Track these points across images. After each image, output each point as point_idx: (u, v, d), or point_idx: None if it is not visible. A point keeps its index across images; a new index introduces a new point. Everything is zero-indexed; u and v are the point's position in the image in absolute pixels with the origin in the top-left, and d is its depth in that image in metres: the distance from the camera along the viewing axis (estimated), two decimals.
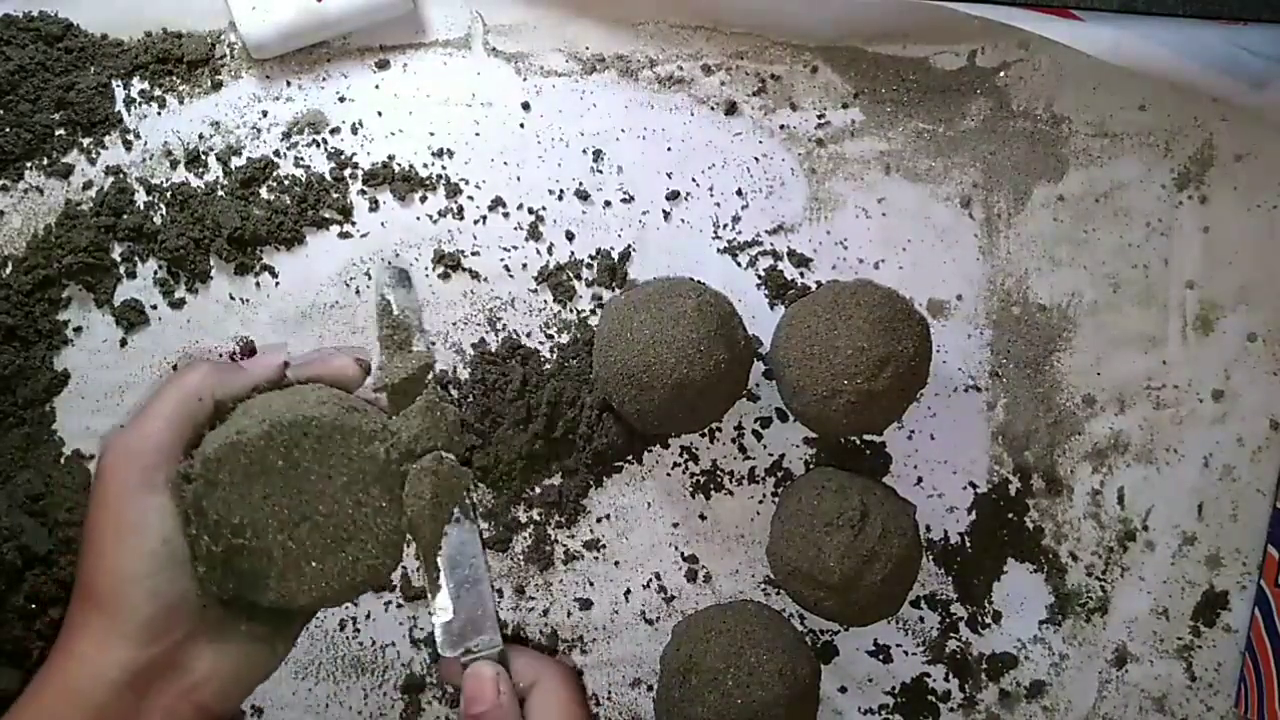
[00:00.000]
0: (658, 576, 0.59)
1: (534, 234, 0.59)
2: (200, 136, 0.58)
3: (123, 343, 0.57)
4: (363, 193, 0.59)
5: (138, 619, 0.41)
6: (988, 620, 0.60)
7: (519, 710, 0.50)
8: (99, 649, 0.41)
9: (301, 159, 0.58)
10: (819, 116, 0.60)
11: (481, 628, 0.53)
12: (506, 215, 0.59)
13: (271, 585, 0.46)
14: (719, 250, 0.60)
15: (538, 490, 0.58)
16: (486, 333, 0.58)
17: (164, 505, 0.43)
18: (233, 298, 0.58)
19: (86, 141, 0.58)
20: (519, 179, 0.59)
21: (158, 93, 0.58)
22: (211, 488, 0.44)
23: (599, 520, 0.59)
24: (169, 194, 0.58)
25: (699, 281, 0.55)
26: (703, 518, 0.59)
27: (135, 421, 0.45)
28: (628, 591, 0.59)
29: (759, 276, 0.60)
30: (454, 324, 0.58)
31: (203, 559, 0.44)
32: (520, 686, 0.52)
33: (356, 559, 0.48)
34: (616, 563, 0.59)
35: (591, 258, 0.59)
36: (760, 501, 0.59)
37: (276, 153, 0.58)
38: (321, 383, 0.51)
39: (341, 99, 0.59)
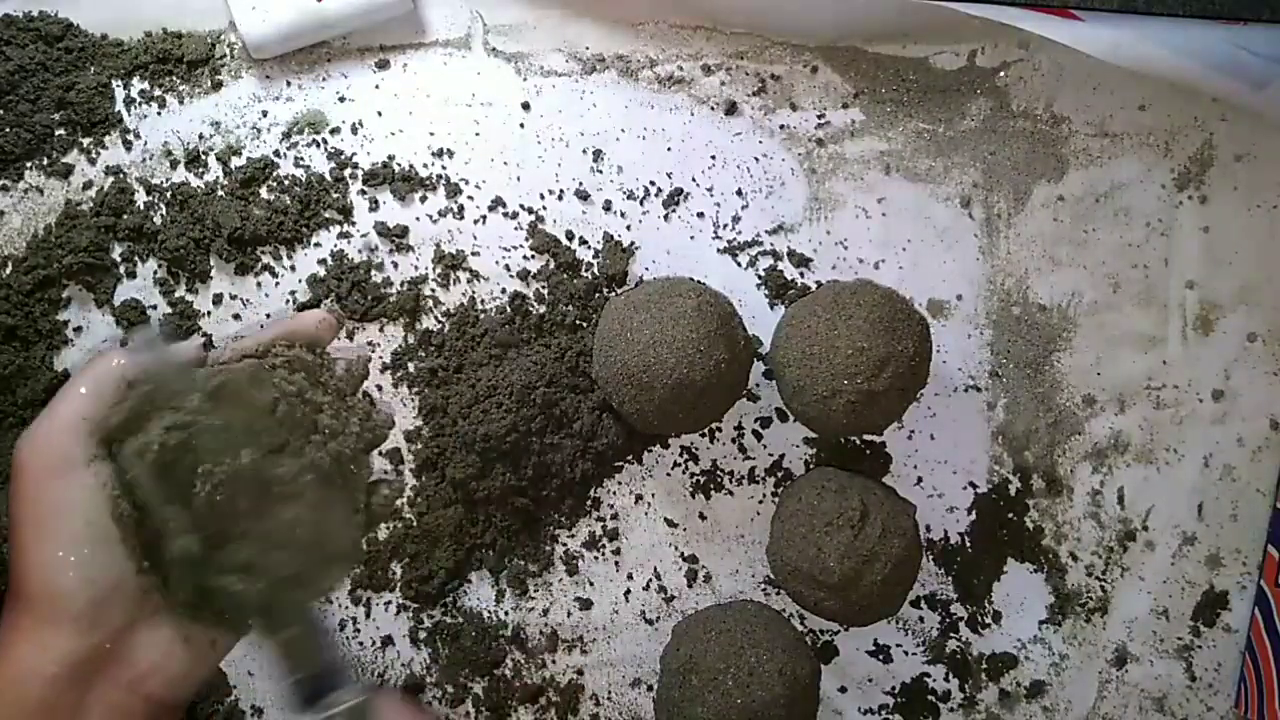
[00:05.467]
0: (658, 576, 0.59)
1: (534, 234, 0.59)
2: (200, 136, 0.58)
3: (123, 343, 0.57)
4: (363, 193, 0.59)
5: (70, 607, 0.39)
6: (988, 620, 0.60)
7: None
8: (34, 646, 0.39)
9: (301, 159, 0.58)
10: (819, 116, 0.60)
11: (335, 681, 0.45)
12: (506, 215, 0.59)
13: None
14: (719, 250, 0.60)
15: (536, 491, 0.58)
16: (485, 331, 0.58)
17: (84, 484, 0.40)
18: (233, 298, 0.58)
19: (86, 141, 0.58)
20: (519, 179, 0.59)
21: (158, 93, 0.58)
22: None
23: (599, 520, 0.59)
24: (169, 194, 0.58)
25: (699, 281, 0.55)
26: (703, 518, 0.59)
27: (45, 411, 0.42)
28: (628, 591, 0.59)
29: (759, 276, 0.60)
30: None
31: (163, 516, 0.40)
32: None
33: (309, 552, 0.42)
34: (616, 563, 0.59)
35: (592, 258, 0.59)
36: (760, 501, 0.59)
37: (276, 153, 0.58)
38: (291, 342, 0.45)
39: (341, 99, 0.59)
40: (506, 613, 0.58)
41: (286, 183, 0.58)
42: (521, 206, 0.59)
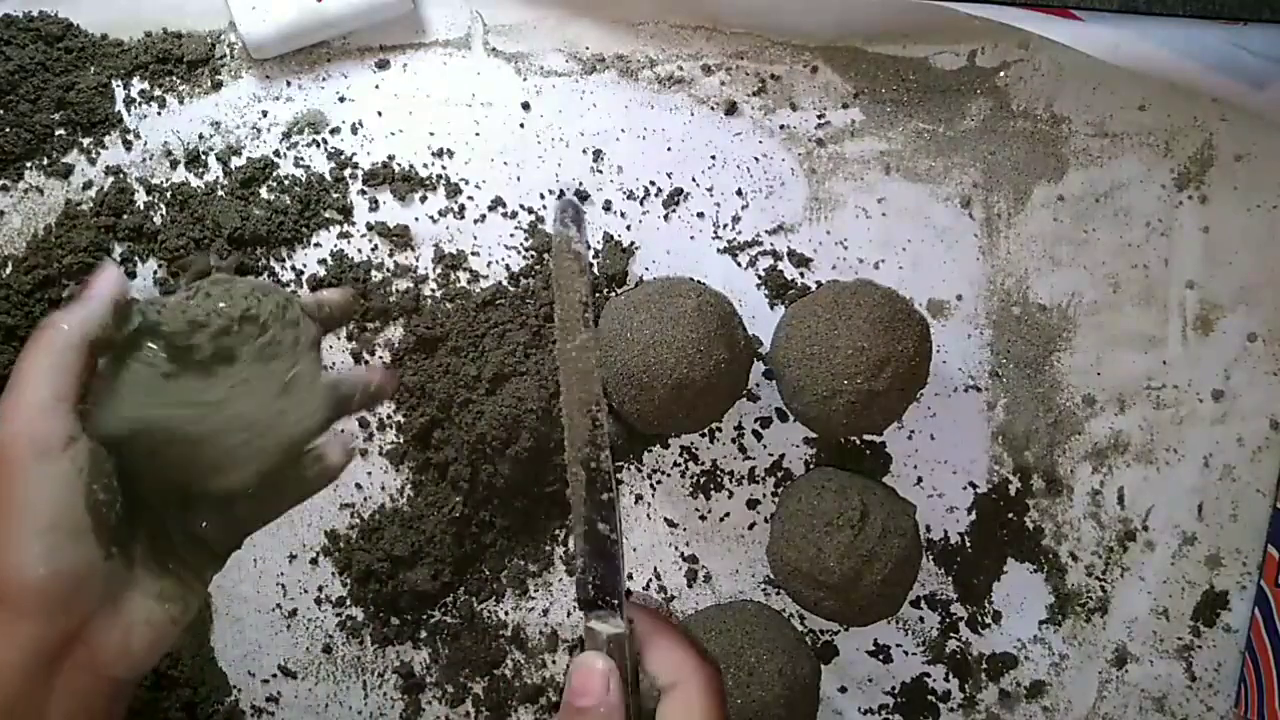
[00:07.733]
0: (658, 576, 0.59)
1: (534, 234, 0.59)
2: (200, 136, 0.58)
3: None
4: (363, 193, 0.59)
5: (41, 598, 0.39)
6: (988, 620, 0.60)
7: (626, 714, 0.42)
8: (3, 637, 0.38)
9: (301, 159, 0.58)
10: (819, 116, 0.60)
11: (605, 601, 0.46)
12: (506, 215, 0.59)
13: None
14: (719, 250, 0.60)
15: (537, 491, 0.58)
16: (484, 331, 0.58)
17: (58, 472, 0.39)
18: None
19: (86, 141, 0.58)
20: (519, 179, 0.59)
21: (158, 93, 0.58)
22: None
23: None
24: (169, 194, 0.58)
25: (699, 281, 0.55)
26: (703, 518, 0.59)
27: (9, 395, 0.41)
28: (628, 591, 0.59)
29: (759, 276, 0.60)
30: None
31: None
32: (656, 682, 0.44)
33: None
34: None
35: (592, 258, 0.59)
36: (760, 501, 0.59)
37: (276, 153, 0.58)
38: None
39: (341, 99, 0.59)
40: (506, 613, 0.58)
41: (286, 183, 0.58)
42: (521, 206, 0.59)
